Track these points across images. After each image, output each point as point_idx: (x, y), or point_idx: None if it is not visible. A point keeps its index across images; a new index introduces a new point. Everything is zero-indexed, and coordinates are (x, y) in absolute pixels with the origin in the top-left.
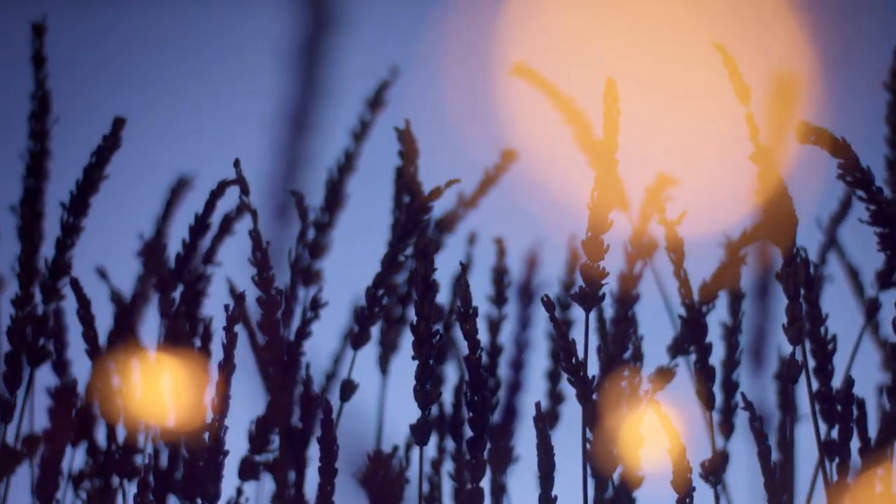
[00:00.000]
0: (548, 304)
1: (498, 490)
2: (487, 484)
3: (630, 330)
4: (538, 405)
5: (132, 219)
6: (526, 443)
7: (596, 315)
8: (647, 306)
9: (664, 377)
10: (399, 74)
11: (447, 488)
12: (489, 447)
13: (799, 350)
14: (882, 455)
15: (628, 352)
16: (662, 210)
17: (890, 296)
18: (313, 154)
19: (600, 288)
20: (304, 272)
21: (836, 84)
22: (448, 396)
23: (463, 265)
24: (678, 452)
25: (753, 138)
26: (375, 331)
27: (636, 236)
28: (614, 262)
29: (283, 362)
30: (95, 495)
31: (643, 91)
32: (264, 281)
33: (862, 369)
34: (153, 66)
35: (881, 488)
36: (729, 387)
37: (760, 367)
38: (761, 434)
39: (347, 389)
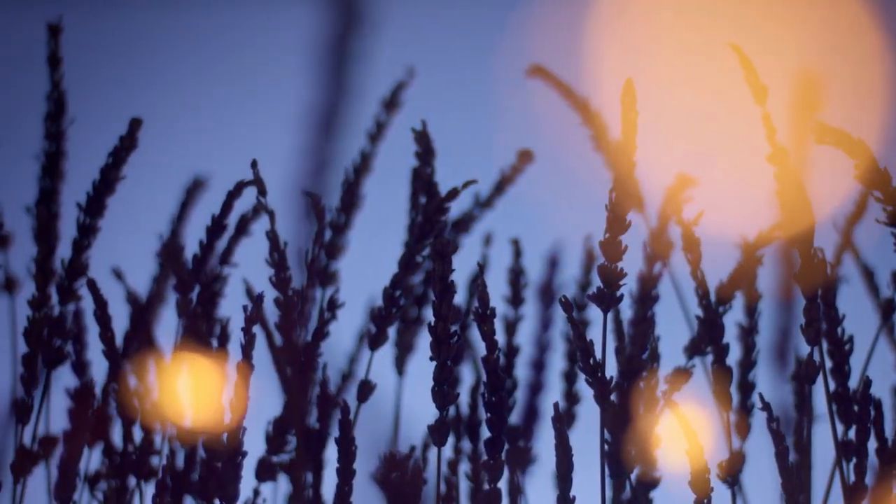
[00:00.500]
0: (566, 305)
1: (515, 491)
2: (505, 484)
3: (650, 331)
4: (556, 406)
5: (145, 219)
6: (542, 443)
7: (612, 316)
8: (661, 306)
9: (681, 378)
10: (415, 75)
11: (464, 489)
12: (507, 448)
13: (816, 351)
14: None
15: (646, 352)
16: (680, 210)
17: None
18: (340, 155)
19: (618, 289)
20: (321, 273)
21: (864, 84)
22: (464, 397)
23: (480, 266)
24: (696, 453)
25: (770, 139)
26: (392, 331)
27: (656, 237)
28: (630, 263)
29: (301, 363)
30: (112, 496)
31: (662, 91)
32: (282, 282)
33: (878, 370)
34: (172, 67)
35: None
36: (745, 387)
37: (785, 368)
38: (779, 435)
39: (365, 390)
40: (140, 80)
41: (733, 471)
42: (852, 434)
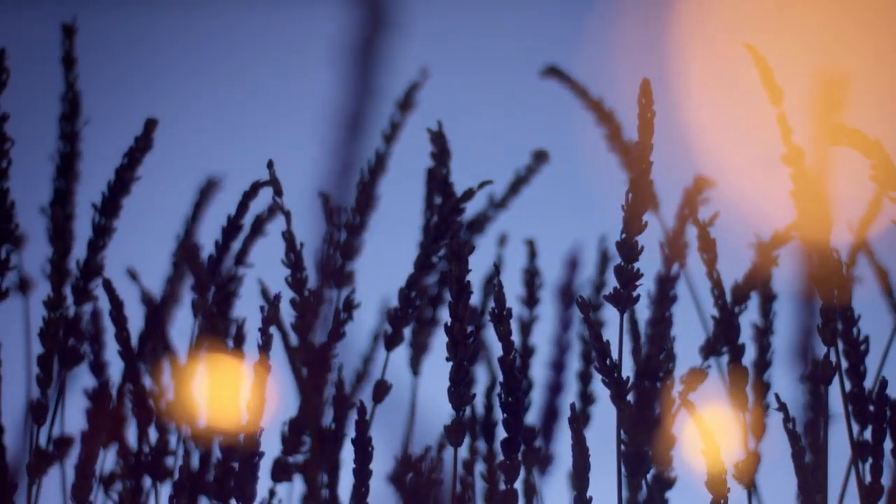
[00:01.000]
0: (583, 306)
1: (531, 491)
2: (520, 485)
3: (667, 331)
4: (573, 406)
5: (158, 220)
6: (558, 444)
7: (627, 316)
8: (675, 306)
9: (697, 378)
10: (428, 75)
11: (480, 489)
12: (523, 448)
13: (832, 351)
14: None
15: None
16: (696, 211)
17: None
18: (363, 156)
19: (635, 289)
20: (337, 273)
21: (886, 85)
22: (479, 398)
23: (496, 266)
24: (713, 454)
25: (785, 139)
26: (406, 332)
27: (674, 237)
28: (645, 264)
29: (316, 363)
30: (127, 497)
31: (679, 92)
32: (298, 282)
33: (893, 370)
34: (191, 67)
35: None
36: (761, 388)
37: (808, 369)
38: (795, 435)
39: (381, 390)
40: (162, 82)
41: (749, 471)
42: (868, 434)
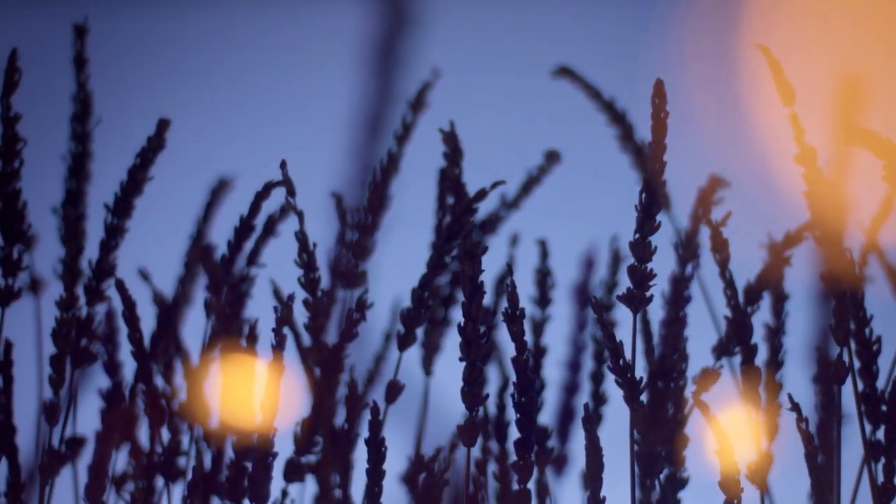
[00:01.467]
0: (597, 306)
1: (543, 491)
2: (533, 485)
3: (681, 331)
4: (587, 406)
5: (169, 221)
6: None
7: (639, 316)
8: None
9: (710, 378)
10: (440, 75)
11: (492, 489)
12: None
13: (845, 351)
14: None
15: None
16: (710, 211)
17: None
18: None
19: (648, 289)
20: (348, 274)
21: None
22: (491, 397)
23: (509, 266)
24: (727, 454)
25: (798, 139)
26: (419, 332)
27: (689, 238)
28: (656, 264)
29: (329, 363)
30: (139, 497)
31: (693, 91)
32: (311, 283)
33: None
34: (206, 68)
35: None
36: (773, 388)
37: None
38: (808, 435)
39: (393, 391)
40: (174, 82)
41: (762, 472)
42: (880, 434)
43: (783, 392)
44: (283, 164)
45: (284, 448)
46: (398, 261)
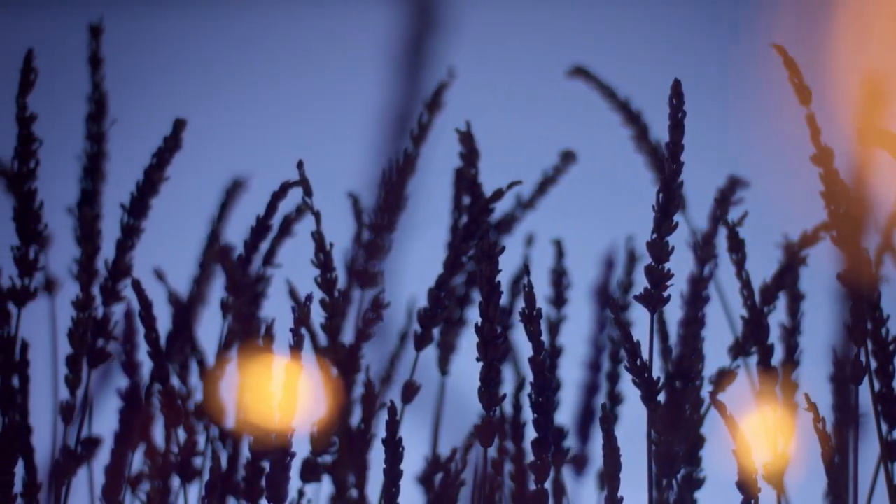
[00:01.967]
0: (614, 306)
1: (559, 490)
2: (549, 484)
3: (700, 331)
4: (604, 406)
5: (181, 220)
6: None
7: (656, 316)
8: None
9: (727, 378)
10: (455, 75)
11: (508, 489)
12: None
13: (861, 351)
14: None
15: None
16: (727, 211)
17: None
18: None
19: (665, 289)
20: (365, 274)
21: None
22: (507, 398)
23: (526, 266)
24: (744, 454)
25: (815, 139)
26: (435, 332)
27: (707, 238)
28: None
29: (345, 363)
30: (155, 497)
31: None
32: (328, 283)
33: None
34: (217, 67)
35: None
36: (790, 388)
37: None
38: (824, 436)
39: (410, 391)
40: (189, 81)
41: (779, 472)
42: None
43: (799, 392)
44: (300, 164)
45: (301, 448)
46: (414, 261)
